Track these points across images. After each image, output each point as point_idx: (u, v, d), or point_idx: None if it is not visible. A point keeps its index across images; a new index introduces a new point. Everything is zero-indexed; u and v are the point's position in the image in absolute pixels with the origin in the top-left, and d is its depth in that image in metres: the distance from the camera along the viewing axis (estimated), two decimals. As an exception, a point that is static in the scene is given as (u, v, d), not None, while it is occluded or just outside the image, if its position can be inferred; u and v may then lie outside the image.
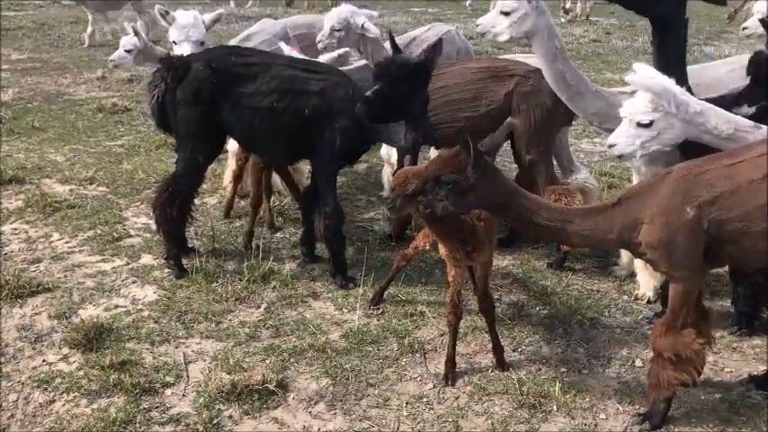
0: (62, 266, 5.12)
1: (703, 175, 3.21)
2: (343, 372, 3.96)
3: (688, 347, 3.32)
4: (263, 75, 4.69)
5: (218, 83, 4.70)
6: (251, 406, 3.68)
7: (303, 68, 4.81)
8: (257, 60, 4.85)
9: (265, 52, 5.41)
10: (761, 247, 3.19)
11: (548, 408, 3.64)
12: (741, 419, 3.59)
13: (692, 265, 3.27)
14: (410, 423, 3.59)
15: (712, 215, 3.17)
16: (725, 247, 3.24)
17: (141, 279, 4.95)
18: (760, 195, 3.12)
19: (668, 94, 3.59)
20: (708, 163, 3.27)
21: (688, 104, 3.63)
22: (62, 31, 15.15)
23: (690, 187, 3.21)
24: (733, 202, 3.15)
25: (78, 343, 4.15)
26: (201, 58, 4.91)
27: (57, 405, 3.73)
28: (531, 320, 4.47)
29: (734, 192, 3.16)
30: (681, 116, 3.63)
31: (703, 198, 3.17)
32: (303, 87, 4.64)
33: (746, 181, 3.15)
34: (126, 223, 5.84)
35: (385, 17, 17.29)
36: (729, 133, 3.64)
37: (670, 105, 3.59)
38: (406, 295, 4.74)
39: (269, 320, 4.46)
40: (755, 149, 3.26)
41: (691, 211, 3.17)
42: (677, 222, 3.19)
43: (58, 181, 6.70)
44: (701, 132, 3.68)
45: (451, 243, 3.69)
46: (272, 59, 4.97)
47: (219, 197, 6.35)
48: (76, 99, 9.85)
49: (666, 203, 3.22)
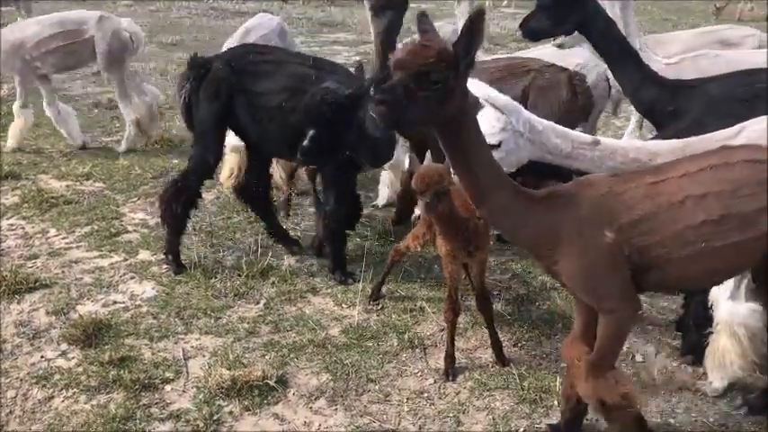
0: (59, 262, 5.09)
1: (624, 194, 2.82)
2: (344, 367, 3.95)
3: (612, 392, 2.91)
4: (276, 73, 4.68)
5: (235, 82, 4.72)
6: (251, 402, 3.67)
7: (314, 67, 4.75)
8: (273, 58, 4.82)
9: (282, 50, 5.33)
10: (685, 274, 2.89)
11: (549, 402, 3.64)
12: (740, 415, 3.58)
13: (619, 294, 2.85)
14: (411, 418, 3.58)
15: (633, 240, 2.78)
16: (648, 274, 2.86)
17: (139, 275, 4.93)
18: (681, 219, 2.78)
19: (515, 111, 3.37)
20: (630, 180, 2.88)
21: (531, 122, 3.43)
22: (56, 26, 15.06)
23: (609, 207, 2.80)
24: (654, 226, 2.79)
25: (77, 339, 4.13)
26: (222, 56, 4.94)
27: (56, 401, 3.71)
28: (531, 316, 4.46)
29: (655, 214, 2.79)
30: (526, 135, 3.41)
31: (623, 220, 2.78)
32: (308, 87, 4.59)
33: (667, 203, 2.79)
34: (123, 219, 5.82)
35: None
36: (568, 151, 3.45)
37: (518, 123, 3.38)
38: (406, 291, 4.74)
39: (268, 316, 4.44)
40: (681, 167, 2.89)
41: (610, 235, 2.77)
42: (595, 247, 2.79)
43: (55, 177, 6.68)
44: (543, 152, 3.47)
45: (456, 241, 3.68)
46: (287, 57, 4.92)
47: (217, 192, 6.32)
48: (72, 95, 9.80)
49: (584, 224, 2.81)
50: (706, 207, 2.78)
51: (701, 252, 2.79)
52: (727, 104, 3.82)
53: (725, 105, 3.83)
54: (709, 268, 2.89)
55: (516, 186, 2.86)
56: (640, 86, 4.08)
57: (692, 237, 2.78)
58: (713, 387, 3.71)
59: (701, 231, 2.78)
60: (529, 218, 2.85)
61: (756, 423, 3.52)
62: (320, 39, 14.43)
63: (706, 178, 2.82)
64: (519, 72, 4.95)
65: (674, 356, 4.04)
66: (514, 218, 2.86)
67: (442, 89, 2.48)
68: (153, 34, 14.33)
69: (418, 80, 2.45)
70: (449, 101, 2.51)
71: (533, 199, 2.86)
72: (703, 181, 2.82)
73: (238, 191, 5.32)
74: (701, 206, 2.78)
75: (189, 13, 17.52)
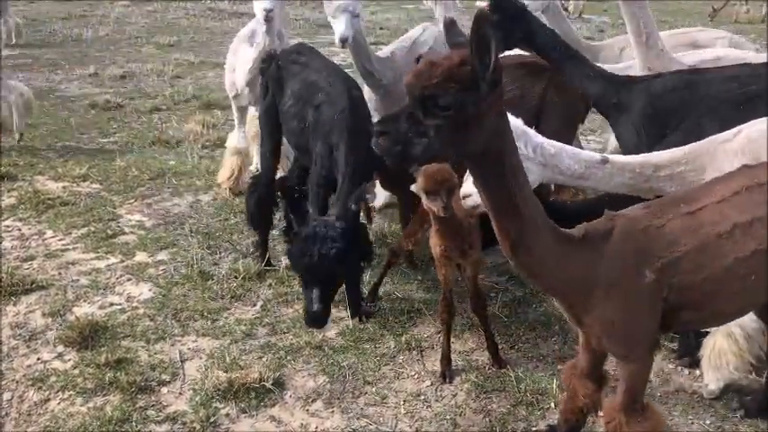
0: (56, 264, 5.08)
1: (663, 228, 2.54)
2: (341, 369, 3.94)
3: (657, 430, 2.76)
4: (300, 77, 4.67)
5: (276, 81, 4.75)
6: (248, 404, 3.67)
7: (327, 73, 4.63)
8: (304, 60, 4.80)
9: (317, 54, 5.01)
10: (724, 311, 2.69)
11: (545, 405, 3.64)
12: (736, 417, 3.59)
13: (649, 342, 2.64)
14: (408, 421, 3.58)
15: (675, 279, 2.52)
16: (680, 314, 2.62)
17: (136, 277, 4.92)
18: (730, 251, 2.52)
19: (524, 136, 3.24)
20: (665, 211, 2.60)
21: (543, 146, 3.32)
22: (53, 26, 15.06)
23: (648, 245, 2.52)
24: (700, 262, 2.52)
25: (73, 341, 4.13)
26: (277, 54, 4.98)
27: (52, 404, 3.71)
28: (527, 318, 4.46)
29: (699, 248, 2.53)
30: (537, 159, 3.30)
31: (665, 259, 2.50)
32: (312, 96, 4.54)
33: (714, 234, 2.53)
34: (120, 220, 5.81)
35: (377, 14, 17.32)
36: (581, 172, 3.39)
37: (526, 148, 3.25)
38: (403, 293, 4.73)
39: (265, 318, 4.44)
40: (714, 192, 2.65)
41: (651, 276, 2.48)
42: (635, 291, 2.50)
43: (51, 178, 6.66)
44: (555, 174, 3.39)
45: (452, 240, 3.68)
46: (314, 61, 4.82)
47: (214, 194, 6.32)
48: (69, 96, 9.78)
49: (624, 265, 2.50)
50: (755, 235, 2.55)
51: (747, 286, 2.58)
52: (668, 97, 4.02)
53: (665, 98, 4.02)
54: (750, 302, 2.72)
55: (556, 227, 2.51)
56: (587, 82, 4.20)
57: (741, 270, 2.54)
58: (709, 389, 3.72)
59: (752, 262, 2.55)
60: (568, 262, 2.51)
61: (753, 426, 3.53)
62: (317, 40, 14.41)
63: (745, 202, 2.59)
64: (536, 71, 4.91)
65: (670, 359, 4.04)
66: (555, 263, 2.50)
67: (458, 116, 2.06)
68: (150, 35, 14.35)
69: (424, 106, 2.07)
70: (473, 130, 2.09)
71: (572, 240, 2.53)
72: (744, 205, 2.58)
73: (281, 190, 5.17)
74: (750, 234, 2.55)
75: (186, 14, 17.49)
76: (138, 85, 10.36)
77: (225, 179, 6.30)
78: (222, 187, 6.31)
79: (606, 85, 4.20)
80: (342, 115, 4.25)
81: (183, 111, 9.01)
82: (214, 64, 11.17)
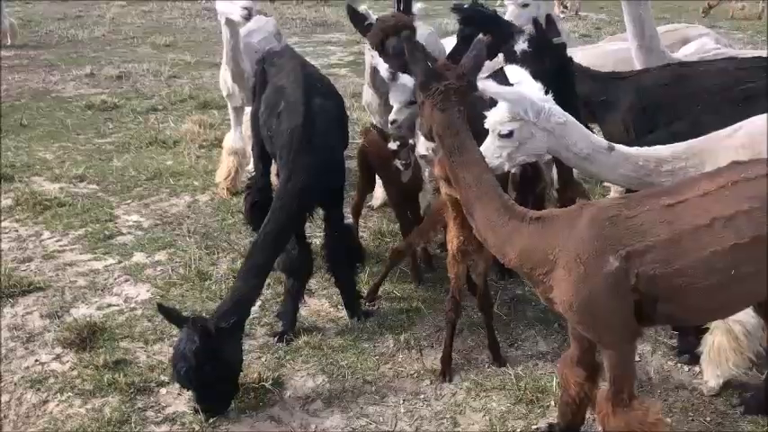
0: (53, 265, 5.07)
1: (634, 218, 2.64)
2: (340, 369, 3.94)
3: (644, 423, 2.78)
4: (272, 81, 4.51)
5: (260, 84, 4.68)
6: (247, 404, 3.66)
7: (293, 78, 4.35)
8: (281, 63, 4.63)
9: (294, 56, 4.85)
10: (706, 306, 2.71)
11: (545, 403, 3.64)
12: (736, 413, 3.58)
13: (621, 328, 2.71)
14: (408, 420, 3.57)
15: (642, 268, 2.60)
16: (659, 306, 2.69)
17: (134, 277, 4.91)
18: (707, 244, 2.57)
19: (524, 101, 3.25)
20: (642, 203, 2.70)
21: (550, 113, 3.31)
22: (49, 27, 15.03)
23: (616, 233, 2.62)
24: (672, 254, 2.58)
25: (71, 342, 4.11)
26: (265, 56, 4.88)
27: (50, 405, 3.69)
28: (526, 316, 4.46)
29: (673, 240, 2.59)
30: (541, 125, 3.30)
31: (633, 247, 2.60)
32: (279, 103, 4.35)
33: (691, 226, 2.59)
34: (117, 221, 5.80)
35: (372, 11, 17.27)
36: (587, 153, 3.37)
37: (527, 113, 3.26)
38: (402, 291, 4.72)
39: (264, 318, 4.43)
40: (698, 186, 2.70)
41: (614, 262, 2.59)
42: (597, 276, 2.61)
43: (48, 179, 6.65)
44: (561, 147, 3.40)
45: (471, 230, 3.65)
46: (288, 63, 4.57)
47: (212, 194, 6.31)
48: (65, 96, 9.76)
49: (584, 249, 2.63)
50: (736, 229, 2.56)
51: (729, 280, 2.59)
52: (654, 91, 4.06)
53: (652, 92, 4.07)
54: (735, 298, 2.71)
55: (506, 203, 2.81)
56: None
57: (720, 263, 2.57)
58: (709, 386, 3.72)
59: (732, 256, 2.57)
60: (516, 238, 2.76)
61: (753, 422, 3.52)
62: (314, 39, 14.40)
63: (729, 197, 2.61)
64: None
65: (670, 356, 4.04)
66: (499, 234, 2.81)
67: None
68: (146, 35, 14.32)
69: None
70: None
71: (524, 218, 2.78)
72: (727, 200, 2.60)
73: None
74: (731, 228, 2.56)
75: (182, 14, 17.45)
76: (135, 85, 10.33)
77: (222, 179, 6.28)
78: (219, 187, 6.29)
79: (593, 83, 4.21)
80: (294, 131, 4.00)
81: (179, 111, 8.99)
82: (210, 64, 11.16)
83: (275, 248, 3.87)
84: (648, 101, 4.10)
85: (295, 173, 3.92)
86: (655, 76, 4.21)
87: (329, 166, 4.07)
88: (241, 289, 3.70)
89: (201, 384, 3.42)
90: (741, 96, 3.82)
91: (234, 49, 5.66)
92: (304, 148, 3.95)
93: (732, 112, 3.57)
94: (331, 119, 4.17)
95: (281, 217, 3.87)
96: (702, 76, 4.09)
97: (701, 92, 3.95)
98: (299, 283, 4.27)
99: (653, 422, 2.80)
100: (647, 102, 4.10)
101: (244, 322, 3.71)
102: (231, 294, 3.73)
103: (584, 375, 3.00)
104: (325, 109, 4.15)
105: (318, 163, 3.96)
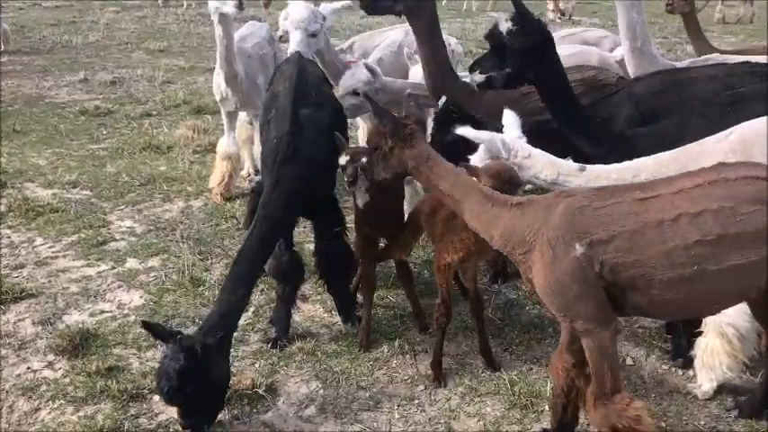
0: (46, 272, 5.04)
1: (603, 209, 2.75)
2: (334, 375, 3.92)
3: (623, 417, 2.78)
4: (272, 87, 4.52)
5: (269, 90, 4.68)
6: (240, 411, 3.64)
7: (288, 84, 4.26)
8: (284, 68, 4.59)
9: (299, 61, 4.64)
10: (672, 300, 2.73)
11: (540, 408, 3.63)
12: (730, 417, 3.58)
13: (592, 314, 2.78)
14: (402, 425, 3.56)
15: (606, 256, 2.70)
16: (628, 296, 2.77)
17: (127, 283, 4.89)
18: (670, 238, 2.65)
19: (496, 142, 3.57)
20: (614, 195, 2.81)
21: (517, 150, 3.59)
22: (43, 33, 14.99)
23: (585, 220, 2.75)
24: (634, 244, 2.68)
25: (63, 349, 4.09)
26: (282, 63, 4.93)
27: (42, 413, 3.67)
28: (521, 320, 4.45)
29: (636, 231, 2.68)
30: (511, 161, 3.57)
31: (597, 236, 2.71)
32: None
33: (656, 220, 2.67)
34: (110, 227, 5.77)
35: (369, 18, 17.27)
36: (554, 178, 3.56)
37: (500, 152, 3.57)
38: (395, 296, 4.71)
39: (257, 324, 4.41)
40: (677, 183, 2.76)
41: (580, 248, 2.72)
42: (565, 261, 2.75)
43: (41, 185, 6.62)
44: (531, 176, 3.62)
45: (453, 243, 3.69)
46: (289, 69, 4.47)
47: (205, 200, 6.29)
48: (58, 102, 9.73)
49: (555, 235, 2.78)
50: (701, 226, 2.62)
51: (692, 276, 2.65)
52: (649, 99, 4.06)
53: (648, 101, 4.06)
54: (701, 296, 2.74)
55: (487, 192, 3.07)
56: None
57: (682, 258, 2.64)
58: (703, 390, 3.71)
59: (694, 252, 2.63)
60: (497, 223, 2.98)
61: (747, 426, 3.52)
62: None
63: (702, 195, 2.66)
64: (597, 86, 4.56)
65: (664, 359, 4.03)
66: (485, 227, 3.04)
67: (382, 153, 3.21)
68: (140, 41, 14.30)
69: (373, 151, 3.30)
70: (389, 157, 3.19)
71: (504, 204, 2.99)
72: (699, 198, 2.66)
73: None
74: (696, 224, 2.63)
75: (176, 20, 17.47)
76: (129, 90, 10.32)
77: (216, 184, 6.27)
78: (213, 192, 6.28)
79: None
80: (280, 139, 3.96)
81: (173, 116, 8.98)
82: (204, 69, 11.15)
83: (260, 258, 3.84)
84: (645, 110, 4.06)
85: (280, 182, 3.90)
86: (647, 85, 4.19)
87: (316, 176, 4.02)
88: (227, 301, 3.63)
89: (185, 403, 3.36)
90: (730, 101, 3.83)
91: (227, 49, 5.65)
92: (290, 157, 3.92)
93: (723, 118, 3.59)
94: (321, 128, 4.10)
95: (265, 226, 3.83)
96: (694, 81, 4.09)
97: (694, 98, 3.95)
98: (290, 288, 4.25)
99: (633, 417, 2.78)
100: (645, 111, 4.06)
101: (231, 335, 3.64)
102: (217, 307, 3.65)
103: (572, 362, 3.03)
104: (315, 118, 4.09)
105: (304, 172, 3.93)
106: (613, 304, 2.81)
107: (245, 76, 5.91)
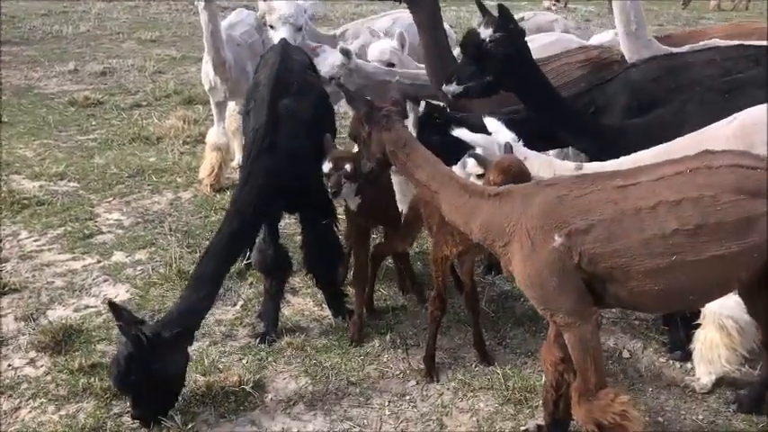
0: (30, 266, 4.94)
1: (582, 197, 2.67)
2: (323, 370, 3.83)
3: (607, 412, 2.70)
4: (255, 76, 4.42)
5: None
6: (227, 408, 3.55)
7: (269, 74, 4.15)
8: (268, 56, 4.47)
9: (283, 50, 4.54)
10: (651, 291, 2.64)
11: (534, 403, 3.54)
12: (729, 411, 3.50)
13: (571, 306, 2.69)
14: (393, 422, 3.47)
15: (584, 247, 2.61)
16: (606, 287, 2.69)
17: (113, 277, 4.79)
18: (648, 227, 2.56)
19: (492, 144, 3.46)
20: (594, 182, 2.73)
21: (513, 151, 3.43)
22: (33, 23, 14.80)
23: (563, 210, 2.66)
24: (612, 234, 2.60)
25: (46, 346, 3.99)
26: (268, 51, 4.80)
27: (22, 412, 3.57)
28: (515, 313, 4.36)
29: (615, 220, 2.60)
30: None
31: (575, 225, 2.62)
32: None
33: (633, 208, 2.59)
34: (97, 220, 5.67)
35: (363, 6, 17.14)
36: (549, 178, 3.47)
37: (496, 154, 3.41)
38: (387, 289, 4.62)
39: (245, 318, 4.32)
40: (659, 170, 2.68)
41: (558, 239, 2.63)
42: (544, 251, 2.66)
43: (28, 177, 6.50)
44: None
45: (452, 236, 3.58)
46: (273, 58, 4.34)
47: (195, 191, 6.18)
48: (47, 93, 9.59)
49: (534, 225, 2.69)
50: (680, 214, 2.54)
51: (670, 266, 2.57)
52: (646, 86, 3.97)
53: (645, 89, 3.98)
54: (681, 287, 2.65)
55: (464, 183, 2.97)
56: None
57: (660, 247, 2.56)
58: (701, 383, 3.63)
59: (672, 242, 2.55)
60: (475, 213, 2.86)
61: (746, 420, 3.44)
62: (302, 33, 14.23)
63: (683, 183, 2.59)
64: (603, 64, 4.72)
65: (661, 352, 3.95)
66: (463, 217, 2.91)
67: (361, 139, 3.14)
68: (132, 31, 14.13)
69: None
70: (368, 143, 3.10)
71: (482, 194, 2.88)
72: (680, 185, 2.58)
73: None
74: (675, 213, 2.54)
75: (168, 9, 17.27)
76: (119, 81, 10.18)
77: (205, 175, 6.17)
78: (203, 184, 6.17)
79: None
80: (257, 131, 3.83)
81: (163, 106, 8.86)
82: (196, 59, 10.98)
83: (229, 255, 3.70)
84: (643, 98, 3.96)
85: (252, 175, 3.76)
86: (644, 71, 4.08)
87: (295, 169, 3.83)
88: (188, 299, 3.51)
89: (131, 391, 3.30)
90: (728, 88, 3.73)
91: (213, 34, 5.54)
92: (265, 149, 3.78)
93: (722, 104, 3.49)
94: (303, 119, 3.96)
95: (235, 222, 3.69)
96: (691, 66, 3.99)
97: (692, 83, 3.85)
98: (277, 282, 4.14)
99: (618, 413, 2.70)
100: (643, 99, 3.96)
101: (192, 333, 3.52)
102: (179, 303, 3.54)
103: (560, 356, 2.96)
104: (296, 108, 3.94)
105: (281, 165, 3.77)
106: (594, 297, 2.72)
107: (234, 64, 5.80)
